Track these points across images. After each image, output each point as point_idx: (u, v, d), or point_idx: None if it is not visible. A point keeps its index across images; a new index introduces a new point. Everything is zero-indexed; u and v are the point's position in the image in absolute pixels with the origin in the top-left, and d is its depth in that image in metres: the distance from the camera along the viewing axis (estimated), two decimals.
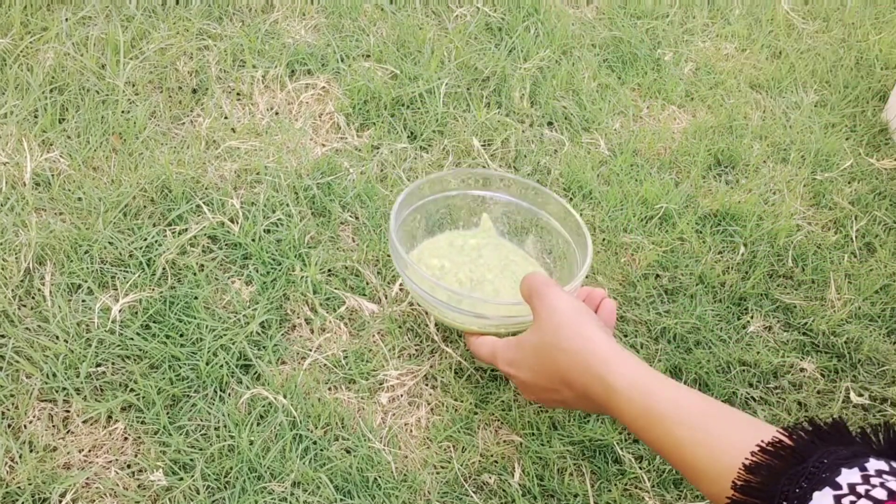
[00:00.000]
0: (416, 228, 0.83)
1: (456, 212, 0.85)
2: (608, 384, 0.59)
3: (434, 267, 0.81)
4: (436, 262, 0.81)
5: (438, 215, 0.84)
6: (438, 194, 0.83)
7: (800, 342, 0.89)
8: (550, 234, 0.83)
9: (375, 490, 0.69)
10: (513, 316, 0.71)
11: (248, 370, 0.76)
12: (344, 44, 1.14)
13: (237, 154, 0.96)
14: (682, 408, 0.54)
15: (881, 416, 0.83)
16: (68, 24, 1.06)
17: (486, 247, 0.84)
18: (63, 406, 0.71)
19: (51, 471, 0.66)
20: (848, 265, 0.99)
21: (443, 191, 0.83)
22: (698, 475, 0.51)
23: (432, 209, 0.83)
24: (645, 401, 0.56)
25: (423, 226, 0.83)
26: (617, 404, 0.58)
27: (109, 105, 0.98)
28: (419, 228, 0.83)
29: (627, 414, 0.57)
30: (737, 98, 1.23)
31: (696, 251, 0.96)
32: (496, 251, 0.84)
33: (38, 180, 0.88)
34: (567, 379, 0.62)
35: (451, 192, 0.83)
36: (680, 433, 0.53)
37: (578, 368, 0.61)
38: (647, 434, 0.56)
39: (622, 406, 0.58)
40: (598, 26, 1.31)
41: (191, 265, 0.82)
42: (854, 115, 1.24)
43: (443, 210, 0.84)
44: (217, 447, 0.69)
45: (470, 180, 0.84)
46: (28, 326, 0.75)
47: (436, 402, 0.77)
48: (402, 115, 1.06)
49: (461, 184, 0.84)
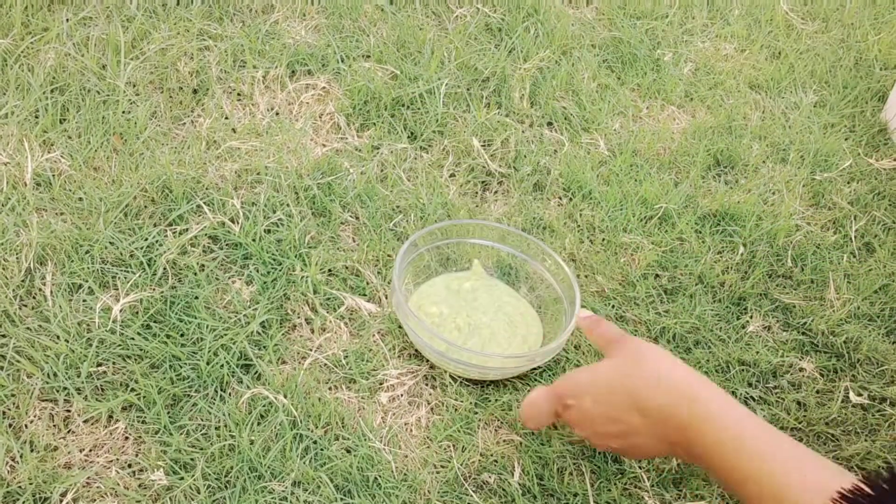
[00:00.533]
0: (416, 271, 0.86)
1: (450, 258, 0.89)
2: (698, 404, 0.57)
3: (433, 315, 0.83)
4: (434, 310, 0.84)
5: (433, 260, 0.88)
6: (433, 244, 0.87)
7: (799, 342, 0.89)
8: (541, 281, 0.87)
9: (375, 489, 0.69)
10: (512, 359, 0.76)
11: (248, 370, 0.76)
12: (344, 44, 1.14)
13: (238, 154, 0.96)
14: (775, 443, 0.54)
15: (880, 416, 0.83)
16: (69, 24, 1.06)
17: (479, 289, 0.87)
18: (64, 406, 0.71)
19: (51, 470, 0.66)
20: (847, 265, 0.99)
21: (438, 240, 0.87)
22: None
23: (427, 257, 0.87)
24: (737, 427, 0.55)
25: (416, 270, 0.87)
26: (701, 426, 0.56)
27: (110, 105, 0.98)
28: (417, 273, 0.87)
29: (712, 437, 0.56)
30: (736, 98, 1.23)
31: (695, 251, 0.97)
32: (489, 293, 0.87)
33: (39, 180, 0.88)
34: (643, 403, 0.60)
35: (447, 241, 0.88)
36: (771, 467, 0.53)
37: (661, 390, 0.59)
38: (729, 461, 0.55)
39: (707, 428, 0.56)
40: (598, 27, 1.32)
41: (191, 265, 0.83)
42: (853, 115, 1.24)
43: (437, 257, 0.88)
44: (218, 447, 0.69)
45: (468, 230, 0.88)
46: (29, 326, 0.75)
47: (436, 402, 0.77)
48: (403, 116, 1.06)
49: (459, 234, 0.88)
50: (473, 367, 0.75)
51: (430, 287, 0.87)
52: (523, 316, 0.86)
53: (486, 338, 0.82)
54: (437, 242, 0.86)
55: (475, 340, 0.81)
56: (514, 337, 0.83)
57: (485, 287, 0.88)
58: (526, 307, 0.87)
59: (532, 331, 0.85)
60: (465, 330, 0.82)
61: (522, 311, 0.86)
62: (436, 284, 0.87)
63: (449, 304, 0.84)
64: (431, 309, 0.84)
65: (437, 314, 0.83)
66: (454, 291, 0.86)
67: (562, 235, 0.95)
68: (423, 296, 0.86)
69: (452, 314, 0.83)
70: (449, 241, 0.87)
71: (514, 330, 0.83)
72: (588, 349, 0.84)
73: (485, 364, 0.75)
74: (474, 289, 0.87)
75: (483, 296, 0.86)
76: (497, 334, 0.82)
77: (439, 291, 0.86)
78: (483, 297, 0.86)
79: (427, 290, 0.86)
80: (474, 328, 0.82)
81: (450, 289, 0.87)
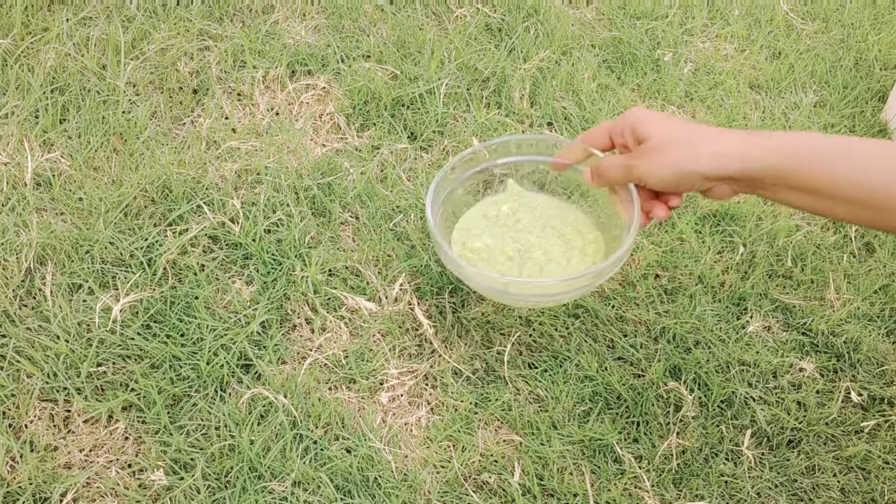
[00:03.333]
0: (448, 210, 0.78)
1: (482, 184, 0.80)
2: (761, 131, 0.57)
3: (479, 250, 0.75)
4: (479, 245, 0.76)
5: (465, 191, 0.79)
6: (468, 171, 0.78)
7: (799, 342, 0.89)
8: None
9: (376, 489, 0.69)
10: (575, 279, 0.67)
11: (248, 370, 0.76)
12: (344, 44, 1.14)
13: (238, 154, 0.96)
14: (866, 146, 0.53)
15: (880, 416, 0.83)
16: (69, 24, 1.06)
17: (519, 210, 0.79)
18: (64, 406, 0.71)
19: (51, 470, 0.66)
20: (847, 265, 0.99)
21: (468, 168, 0.78)
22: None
23: (460, 190, 0.79)
24: (813, 135, 0.55)
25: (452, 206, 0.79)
26: (770, 135, 0.56)
27: (110, 105, 0.98)
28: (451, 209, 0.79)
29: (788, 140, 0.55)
30: (736, 98, 1.23)
31: (695, 251, 0.97)
32: (531, 212, 0.79)
33: (39, 180, 0.88)
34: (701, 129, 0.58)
35: (477, 168, 0.79)
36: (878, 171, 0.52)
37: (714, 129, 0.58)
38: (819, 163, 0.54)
39: (779, 135, 0.56)
40: (598, 27, 1.32)
41: (191, 265, 0.83)
42: (853, 115, 1.24)
43: (469, 185, 0.79)
44: (218, 447, 0.69)
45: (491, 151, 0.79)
46: (29, 326, 0.75)
47: (436, 402, 0.77)
48: (403, 116, 1.06)
49: (486, 157, 0.79)
50: (542, 297, 0.68)
51: (467, 221, 0.78)
52: (574, 226, 0.77)
53: (541, 261, 0.74)
54: (467, 173, 0.78)
55: (530, 266, 0.74)
56: (570, 252, 0.75)
57: (524, 206, 0.79)
58: (576, 214, 0.78)
59: (588, 238, 0.77)
60: (516, 258, 0.74)
61: (573, 221, 0.78)
62: (473, 216, 0.79)
63: (492, 234, 0.77)
64: (476, 244, 0.76)
65: (484, 248, 0.76)
66: (493, 219, 0.78)
67: None
68: (464, 232, 0.77)
69: (499, 244, 0.75)
70: (476, 167, 0.79)
71: (569, 244, 0.76)
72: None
73: (550, 291, 0.67)
74: (514, 210, 0.79)
75: (525, 216, 0.78)
76: (551, 254, 0.75)
77: (478, 222, 0.78)
78: (525, 216, 0.78)
79: (465, 224, 0.78)
80: (525, 253, 0.74)
81: (487, 217, 0.79)
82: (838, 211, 0.55)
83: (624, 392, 0.80)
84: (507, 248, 0.75)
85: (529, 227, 0.77)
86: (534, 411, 0.78)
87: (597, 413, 0.78)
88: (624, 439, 0.77)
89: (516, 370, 0.81)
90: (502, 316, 0.86)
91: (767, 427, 0.80)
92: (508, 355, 0.81)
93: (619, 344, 0.84)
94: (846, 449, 0.79)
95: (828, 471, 0.78)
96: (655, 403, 0.80)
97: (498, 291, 0.69)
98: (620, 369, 0.82)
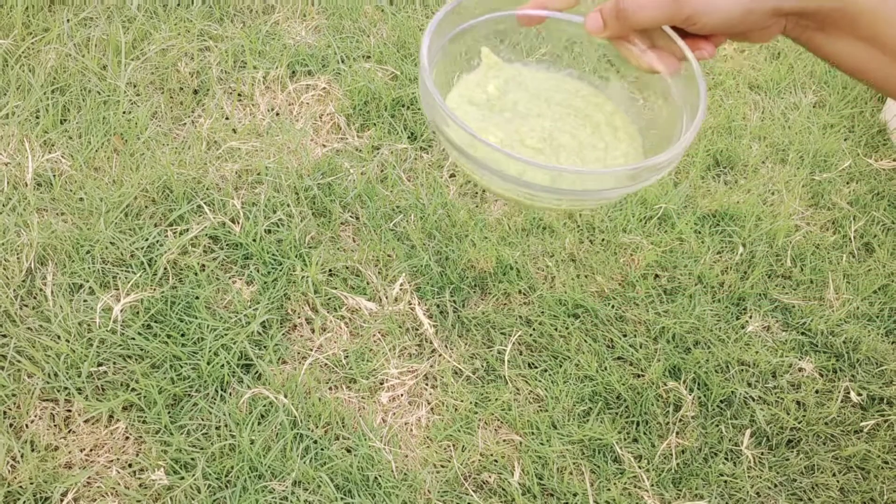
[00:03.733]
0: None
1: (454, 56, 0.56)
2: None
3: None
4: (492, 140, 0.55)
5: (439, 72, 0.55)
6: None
7: (798, 342, 0.89)
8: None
9: (376, 489, 0.69)
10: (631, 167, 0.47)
11: (248, 370, 0.76)
12: (344, 45, 1.15)
13: (238, 154, 0.96)
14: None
15: (880, 416, 0.83)
16: (70, 25, 1.06)
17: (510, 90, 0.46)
18: (64, 405, 0.71)
19: (52, 470, 0.66)
20: (846, 265, 0.99)
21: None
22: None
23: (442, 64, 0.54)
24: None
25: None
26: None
27: (111, 106, 0.98)
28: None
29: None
30: (736, 99, 1.23)
31: (694, 251, 0.97)
32: (524, 89, 0.57)
33: (40, 181, 0.89)
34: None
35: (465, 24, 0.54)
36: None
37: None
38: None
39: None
40: None
41: (192, 265, 0.83)
42: (852, 115, 1.24)
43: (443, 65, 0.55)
44: (218, 446, 0.69)
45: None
46: (30, 326, 0.75)
47: (436, 402, 0.77)
48: (403, 116, 1.06)
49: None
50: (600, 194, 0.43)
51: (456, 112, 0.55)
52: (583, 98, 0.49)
53: (574, 147, 0.54)
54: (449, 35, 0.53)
55: (565, 155, 0.47)
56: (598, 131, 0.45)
57: (513, 81, 0.57)
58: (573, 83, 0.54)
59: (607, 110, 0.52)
60: (546, 149, 0.53)
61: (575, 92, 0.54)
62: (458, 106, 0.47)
63: (497, 125, 0.54)
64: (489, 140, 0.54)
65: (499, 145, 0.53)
66: (484, 104, 0.56)
67: (561, 236, 0.95)
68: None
69: (515, 136, 0.53)
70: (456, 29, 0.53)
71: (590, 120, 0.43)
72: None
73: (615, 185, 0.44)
74: (503, 91, 0.56)
75: (520, 95, 0.57)
76: (579, 137, 0.54)
77: (469, 112, 0.55)
78: (521, 96, 0.57)
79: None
80: (551, 140, 0.54)
81: (475, 102, 0.56)
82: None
83: (623, 392, 0.80)
84: (528, 139, 0.51)
85: (533, 108, 0.56)
86: (534, 411, 0.78)
87: (596, 413, 0.78)
88: (623, 439, 0.77)
89: (516, 370, 0.81)
90: (503, 315, 0.86)
91: (767, 427, 0.80)
92: (509, 355, 0.82)
93: (618, 344, 0.84)
94: (845, 448, 0.79)
95: (827, 470, 0.78)
96: (655, 403, 0.80)
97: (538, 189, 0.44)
98: (620, 369, 0.82)
